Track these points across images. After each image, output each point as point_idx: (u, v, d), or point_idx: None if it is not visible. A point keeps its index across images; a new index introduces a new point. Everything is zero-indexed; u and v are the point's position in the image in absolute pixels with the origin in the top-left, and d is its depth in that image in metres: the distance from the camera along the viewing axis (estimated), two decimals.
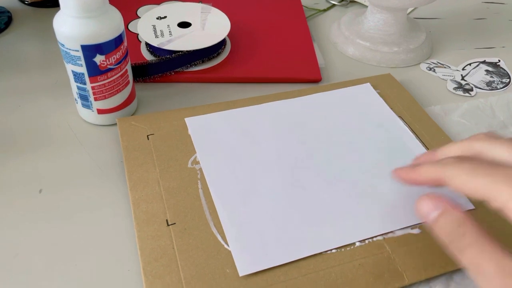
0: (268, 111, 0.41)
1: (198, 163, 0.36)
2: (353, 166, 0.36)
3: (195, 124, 0.39)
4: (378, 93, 0.43)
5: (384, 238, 0.31)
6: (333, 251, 0.30)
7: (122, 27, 0.36)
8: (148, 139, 0.37)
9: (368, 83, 0.44)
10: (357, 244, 0.31)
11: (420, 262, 0.30)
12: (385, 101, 0.42)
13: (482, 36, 0.56)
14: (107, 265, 0.30)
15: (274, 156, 0.36)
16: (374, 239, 0.31)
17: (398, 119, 0.41)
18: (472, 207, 0.34)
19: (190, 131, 0.38)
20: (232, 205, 0.33)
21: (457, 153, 0.28)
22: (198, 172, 0.35)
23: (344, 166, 0.36)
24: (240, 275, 0.29)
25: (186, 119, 0.39)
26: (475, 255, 0.22)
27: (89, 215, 0.33)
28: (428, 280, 0.30)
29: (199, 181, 0.34)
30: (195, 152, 0.36)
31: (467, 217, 0.24)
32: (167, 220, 0.32)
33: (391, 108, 0.42)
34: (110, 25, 0.34)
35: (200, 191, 0.34)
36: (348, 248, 0.31)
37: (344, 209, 0.33)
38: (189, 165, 0.35)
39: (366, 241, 0.31)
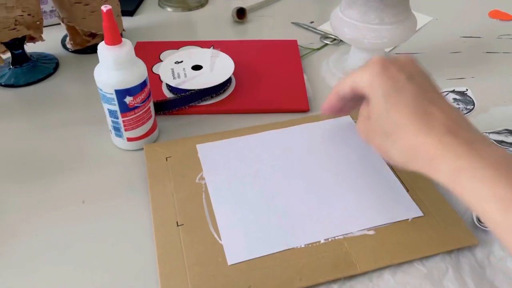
0: (263, 138, 0.50)
1: (203, 179, 0.45)
2: (326, 180, 0.45)
3: (203, 149, 0.49)
4: (356, 123, 0.52)
5: (344, 237, 0.40)
6: (302, 246, 0.39)
7: (146, 75, 0.46)
8: (166, 160, 0.48)
9: (349, 116, 0.53)
10: (322, 241, 0.40)
11: (371, 256, 0.39)
12: None
13: (456, 68, 0.64)
14: (132, 254, 0.40)
15: (263, 173, 0.46)
16: (336, 238, 0.40)
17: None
18: (421, 214, 0.42)
19: (199, 154, 0.48)
20: (227, 210, 0.42)
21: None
22: (203, 186, 0.45)
23: (319, 181, 0.45)
24: (229, 263, 0.38)
25: (197, 145, 0.49)
26: None
27: (120, 219, 0.43)
28: (380, 269, 0.38)
29: (203, 193, 0.44)
30: (201, 171, 0.46)
31: None
32: (177, 222, 0.41)
33: None
34: (137, 74, 0.45)
35: (204, 200, 0.43)
36: (314, 244, 0.39)
37: (314, 214, 0.42)
38: (197, 181, 0.45)
39: (329, 239, 0.40)
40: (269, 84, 0.59)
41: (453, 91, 0.60)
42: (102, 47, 0.43)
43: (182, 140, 0.50)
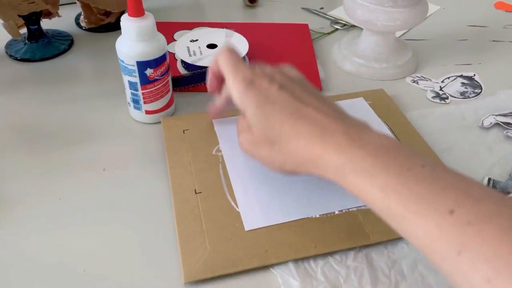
0: None
1: (220, 151, 0.47)
2: None
3: (220, 123, 0.50)
4: (370, 104, 0.53)
5: (358, 209, 0.41)
6: (317, 216, 0.41)
7: (166, 48, 0.47)
8: (183, 133, 0.49)
9: (362, 97, 0.54)
10: (336, 212, 0.41)
11: (384, 228, 0.39)
12: (374, 110, 0.53)
13: (463, 54, 0.66)
14: (151, 220, 0.41)
15: None
16: (350, 209, 0.41)
17: (383, 124, 0.51)
18: None
19: (215, 128, 0.49)
20: (243, 181, 0.43)
21: None
22: (220, 157, 0.46)
23: None
24: (246, 229, 0.39)
25: (214, 120, 0.50)
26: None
27: (140, 187, 0.44)
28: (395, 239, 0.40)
29: (220, 164, 0.45)
30: (218, 144, 0.47)
31: None
32: (195, 190, 0.42)
33: (379, 116, 0.52)
34: (157, 46, 0.46)
35: (221, 171, 0.44)
36: (329, 215, 0.41)
37: (329, 186, 0.43)
38: (213, 152, 0.47)
39: (343, 211, 0.41)
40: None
41: (461, 76, 0.61)
42: (125, 18, 0.44)
43: (199, 114, 0.51)
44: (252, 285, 0.36)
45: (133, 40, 0.45)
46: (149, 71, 0.47)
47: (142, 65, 0.46)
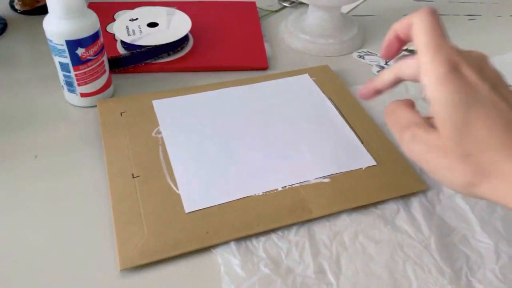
0: (221, 95, 0.50)
1: (160, 133, 0.45)
2: (284, 133, 0.46)
3: (160, 105, 0.48)
4: (314, 80, 0.53)
5: (300, 185, 0.41)
6: (260, 193, 0.40)
7: (98, 26, 0.45)
8: (121, 115, 0.46)
9: (307, 74, 0.54)
10: (279, 189, 0.40)
11: (326, 202, 0.39)
12: (319, 86, 0.52)
13: None
14: (87, 207, 0.39)
15: (222, 127, 0.46)
16: (293, 185, 0.40)
17: (327, 100, 0.50)
18: (374, 163, 0.43)
19: (155, 109, 0.47)
20: (184, 162, 0.42)
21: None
22: (160, 140, 0.44)
23: (276, 133, 0.46)
24: (186, 211, 0.38)
25: (153, 101, 0.48)
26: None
27: (74, 172, 0.42)
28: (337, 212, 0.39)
29: (160, 146, 0.43)
30: (158, 126, 0.46)
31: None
32: (133, 174, 0.41)
33: (323, 92, 0.51)
34: (87, 24, 0.43)
35: (160, 153, 0.43)
36: (272, 192, 0.40)
37: (272, 164, 0.42)
38: (153, 135, 0.45)
39: (286, 187, 0.40)
40: (227, 43, 0.59)
41: (405, 49, 0.61)
42: None
43: (138, 96, 0.49)
44: (193, 267, 0.35)
45: (60, 18, 0.42)
46: (80, 51, 0.44)
47: (72, 44, 0.43)
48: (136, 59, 0.53)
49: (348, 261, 0.36)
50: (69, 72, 0.45)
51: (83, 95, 0.47)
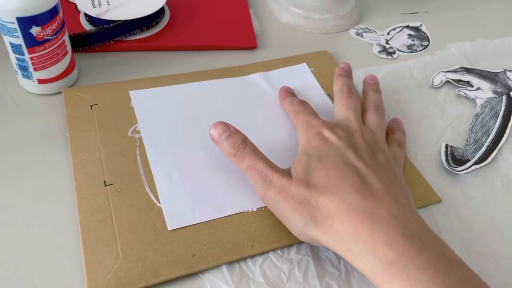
0: (211, 88, 0.43)
1: (138, 132, 0.38)
2: (281, 138, 0.40)
3: (138, 97, 0.41)
4: (312, 71, 0.46)
5: None
6: (254, 209, 0.34)
7: (56, 0, 0.37)
8: (91, 108, 0.40)
9: (305, 63, 0.47)
10: None
11: None
12: (318, 78, 0.46)
13: (408, 2, 0.60)
14: (49, 222, 0.33)
15: (208, 129, 0.39)
16: None
17: (326, 96, 0.44)
18: None
19: (133, 103, 0.40)
20: (167, 169, 0.36)
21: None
22: (137, 140, 0.38)
23: (273, 137, 0.39)
24: (169, 229, 0.32)
25: (131, 92, 0.41)
26: (251, 161, 0.32)
27: (32, 177, 0.35)
28: None
29: (137, 148, 0.37)
30: (135, 123, 0.39)
31: (247, 137, 0.34)
32: (105, 181, 0.34)
33: (322, 86, 0.45)
34: None
35: (138, 157, 0.37)
36: (267, 208, 0.34)
37: None
38: (129, 134, 0.38)
39: None
40: (209, 18, 0.51)
41: (407, 27, 0.55)
42: None
43: (111, 85, 0.42)
44: None
45: None
46: (35, 30, 0.36)
47: (25, 22, 0.36)
48: (104, 37, 0.45)
49: (360, 280, 0.32)
50: (23, 55, 0.38)
51: (41, 81, 0.40)
